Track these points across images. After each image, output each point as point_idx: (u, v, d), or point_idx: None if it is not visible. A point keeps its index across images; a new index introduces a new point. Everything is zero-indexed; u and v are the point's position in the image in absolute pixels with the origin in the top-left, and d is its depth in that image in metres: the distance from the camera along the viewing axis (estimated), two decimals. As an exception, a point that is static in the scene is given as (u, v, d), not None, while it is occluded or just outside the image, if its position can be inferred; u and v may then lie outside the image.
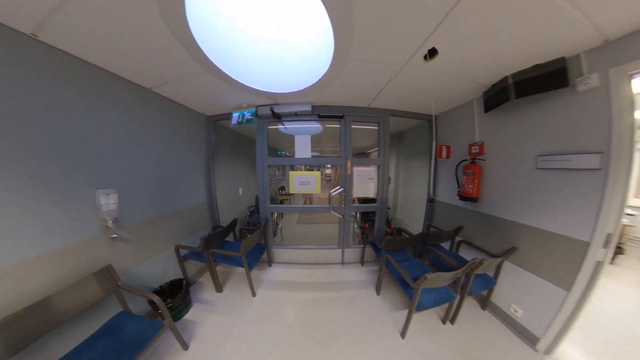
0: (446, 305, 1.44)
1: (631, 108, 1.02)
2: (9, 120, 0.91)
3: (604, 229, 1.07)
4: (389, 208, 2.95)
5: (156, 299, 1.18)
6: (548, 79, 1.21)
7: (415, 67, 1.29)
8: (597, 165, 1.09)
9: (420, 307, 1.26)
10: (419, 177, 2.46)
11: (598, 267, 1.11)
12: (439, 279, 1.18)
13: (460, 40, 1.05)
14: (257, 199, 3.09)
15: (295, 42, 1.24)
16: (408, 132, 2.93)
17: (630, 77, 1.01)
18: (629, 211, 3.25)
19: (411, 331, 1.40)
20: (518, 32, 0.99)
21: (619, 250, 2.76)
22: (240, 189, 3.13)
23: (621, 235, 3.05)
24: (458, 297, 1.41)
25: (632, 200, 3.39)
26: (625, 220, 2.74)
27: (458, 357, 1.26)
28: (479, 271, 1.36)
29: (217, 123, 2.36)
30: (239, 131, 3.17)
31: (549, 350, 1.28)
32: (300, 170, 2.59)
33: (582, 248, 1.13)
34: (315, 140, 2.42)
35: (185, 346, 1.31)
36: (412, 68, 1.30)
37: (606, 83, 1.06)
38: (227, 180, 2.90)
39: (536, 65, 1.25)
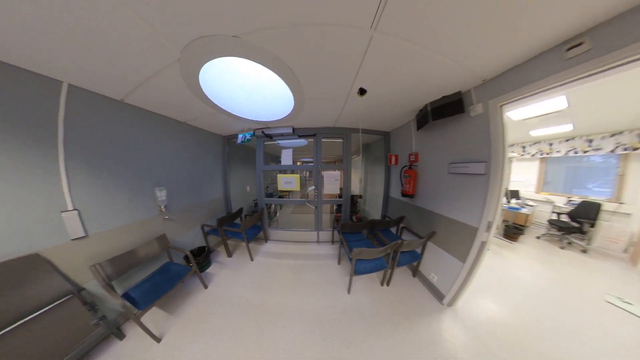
0: (383, 272, 1.56)
1: (503, 129, 1.10)
2: (109, 148, 1.24)
3: (486, 218, 1.15)
4: (360, 197, 3.04)
5: (188, 253, 1.48)
6: (451, 106, 1.29)
7: (355, 100, 1.40)
8: (482, 171, 1.17)
9: (357, 272, 1.39)
10: (379, 178, 2.55)
11: (482, 246, 1.19)
12: (366, 253, 1.30)
13: (378, 82, 1.15)
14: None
15: (271, 87, 1.37)
16: (373, 144, 3.00)
17: (502, 106, 1.09)
18: (530, 203, 3.22)
19: (355, 289, 1.54)
20: (422, 75, 1.07)
21: (519, 231, 2.78)
22: (248, 187, 3.33)
23: (525, 220, 3.09)
24: (389, 267, 1.52)
25: (534, 195, 3.40)
26: (527, 209, 2.87)
27: (386, 308, 1.38)
28: (405, 249, 1.47)
29: (229, 140, 2.56)
30: (247, 145, 3.36)
31: (451, 303, 1.38)
32: (286, 173, 2.74)
33: (473, 232, 1.21)
34: (307, 150, 2.59)
35: (205, 286, 1.58)
36: (353, 101, 1.42)
37: (487, 110, 1.14)
38: (238, 180, 3.08)
39: (444, 97, 1.32)
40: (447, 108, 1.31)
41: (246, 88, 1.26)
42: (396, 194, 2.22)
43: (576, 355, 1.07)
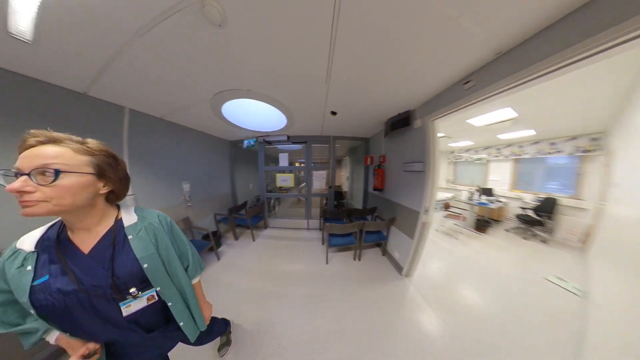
0: (353, 250, 1.99)
1: (434, 138, 1.51)
2: (152, 151, 1.71)
3: (424, 205, 1.55)
4: (345, 192, 3.45)
5: (209, 231, 1.95)
6: (402, 121, 1.71)
7: (331, 118, 1.85)
8: (421, 169, 1.58)
9: (331, 245, 1.82)
10: (361, 176, 2.97)
11: (424, 225, 1.58)
12: (336, 228, 1.74)
13: (345, 107, 1.60)
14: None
15: (270, 110, 1.77)
16: (357, 148, 3.44)
17: (432, 121, 1.49)
18: (502, 199, 3.55)
19: (332, 262, 1.96)
20: (376, 102, 1.51)
21: (488, 224, 3.17)
22: (251, 184, 3.81)
23: (498, 214, 3.43)
24: (357, 242, 1.92)
25: (506, 192, 3.73)
26: (496, 205, 3.21)
27: (355, 275, 1.78)
28: (369, 229, 1.88)
29: (236, 144, 3.03)
30: (249, 149, 3.85)
31: (408, 274, 1.77)
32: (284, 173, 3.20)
33: (417, 215, 1.61)
34: (301, 153, 3.04)
35: (218, 259, 2.05)
36: (329, 118, 1.87)
37: (424, 124, 1.55)
38: (242, 179, 3.56)
39: (398, 114, 1.75)
40: (400, 122, 1.73)
41: (251, 111, 1.73)
42: (371, 189, 2.64)
43: (499, 309, 1.37)
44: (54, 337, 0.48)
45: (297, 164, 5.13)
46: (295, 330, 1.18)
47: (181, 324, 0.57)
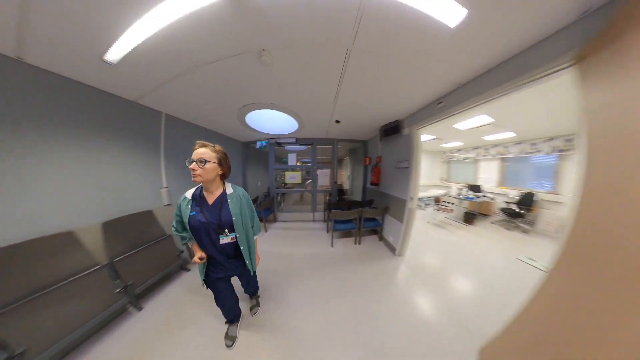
0: (354, 235, 2.36)
1: (418, 143, 1.89)
2: (180, 150, 1.98)
3: (409, 194, 1.93)
4: (346, 190, 3.83)
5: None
6: (393, 128, 2.10)
7: (335, 125, 2.24)
8: (407, 165, 1.96)
9: (335, 229, 2.21)
10: (360, 174, 3.36)
11: (410, 211, 1.97)
12: (339, 214, 2.12)
13: (349, 117, 1.99)
14: (269, 188, 4.14)
15: (284, 117, 2.20)
16: (357, 149, 3.83)
17: (417, 129, 1.86)
18: (490, 195, 3.91)
19: (337, 245, 2.33)
20: (372, 110, 1.89)
21: (474, 217, 3.52)
22: (259, 182, 4.18)
23: (487, 208, 3.80)
24: (357, 227, 2.30)
25: (494, 189, 4.09)
26: (482, 199, 3.56)
27: (356, 256, 2.14)
28: (367, 216, 2.26)
29: (249, 145, 3.42)
30: (258, 149, 4.23)
31: (400, 254, 2.14)
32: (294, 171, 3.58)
33: (404, 202, 1.99)
34: (307, 153, 3.43)
35: None
36: (334, 126, 2.26)
37: (410, 132, 1.93)
38: (254, 177, 3.97)
39: (390, 122, 2.14)
40: (391, 129, 2.12)
41: (270, 118, 2.13)
42: (369, 184, 3.02)
43: (472, 275, 1.76)
44: (192, 243, 0.89)
45: (298, 163, 5.51)
46: (307, 292, 1.54)
47: (247, 262, 0.95)
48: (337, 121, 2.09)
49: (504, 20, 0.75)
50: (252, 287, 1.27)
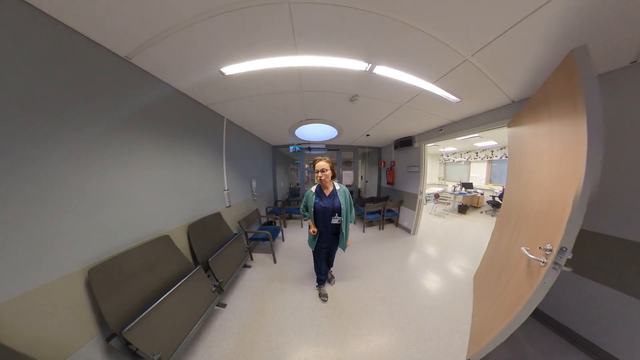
0: (379, 223, 3.17)
1: (425, 153, 2.72)
2: (243, 155, 2.71)
3: (420, 190, 2.77)
4: (360, 189, 4.62)
5: (280, 219, 3.03)
6: (407, 141, 2.92)
7: (365, 137, 3.04)
8: (417, 170, 2.79)
9: (367, 219, 3.01)
10: (375, 175, 4.18)
11: (420, 202, 2.80)
12: (371, 207, 2.92)
13: (377, 133, 2.79)
14: (297, 188, 4.84)
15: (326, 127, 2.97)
16: (371, 153, 4.65)
17: (425, 144, 2.70)
18: (479, 191, 4.90)
19: (367, 231, 3.12)
20: (395, 129, 2.71)
21: (466, 208, 4.50)
22: (282, 183, 4.85)
23: (477, 202, 4.77)
24: (381, 216, 3.12)
25: (483, 186, 5.09)
26: (472, 194, 4.49)
27: (382, 237, 2.94)
28: (389, 207, 3.08)
29: (277, 149, 4.07)
30: (283, 152, 4.89)
31: (414, 232, 2.97)
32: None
33: (415, 196, 2.83)
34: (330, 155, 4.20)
35: (283, 239, 3.02)
36: (363, 137, 3.05)
37: (420, 145, 2.76)
38: (281, 178, 4.64)
39: (405, 137, 2.96)
40: (405, 142, 2.95)
41: (313, 127, 2.86)
42: (384, 184, 3.85)
43: (467, 249, 2.64)
44: (309, 221, 1.58)
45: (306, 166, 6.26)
46: (349, 261, 2.29)
47: (342, 241, 1.64)
48: (367, 135, 2.88)
49: (477, 101, 1.59)
50: (331, 261, 1.76)
